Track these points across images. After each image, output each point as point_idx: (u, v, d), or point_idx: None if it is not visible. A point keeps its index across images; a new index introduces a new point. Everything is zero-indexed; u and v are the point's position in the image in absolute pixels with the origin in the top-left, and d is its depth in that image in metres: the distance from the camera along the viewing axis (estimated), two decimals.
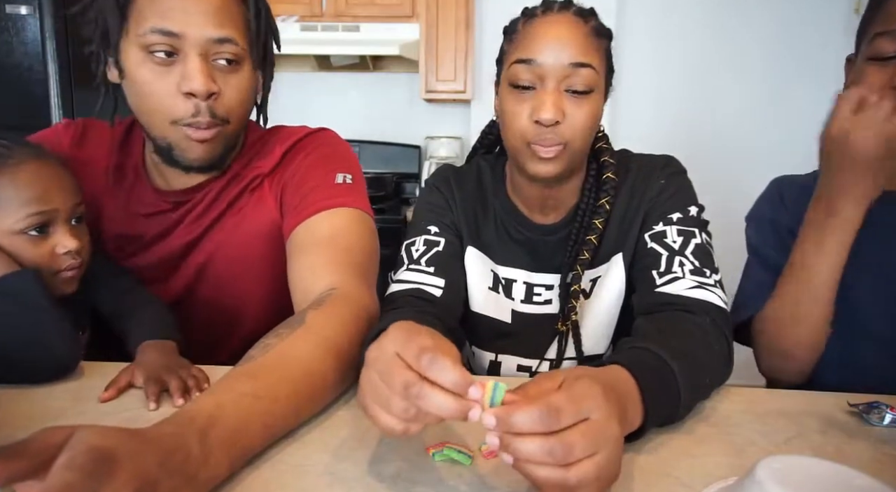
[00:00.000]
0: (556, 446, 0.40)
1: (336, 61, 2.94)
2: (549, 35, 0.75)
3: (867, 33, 0.75)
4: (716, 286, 0.74)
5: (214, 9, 0.76)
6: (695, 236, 0.79)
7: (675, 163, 0.87)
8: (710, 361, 0.66)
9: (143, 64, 0.75)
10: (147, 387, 0.65)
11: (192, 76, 0.75)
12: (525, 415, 0.41)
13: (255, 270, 0.90)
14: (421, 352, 0.43)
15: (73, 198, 0.76)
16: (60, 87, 2.01)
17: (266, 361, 0.58)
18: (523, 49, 0.76)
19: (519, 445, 0.41)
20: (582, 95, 0.75)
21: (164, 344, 0.75)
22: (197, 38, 0.75)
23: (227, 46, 0.77)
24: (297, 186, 0.86)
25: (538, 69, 0.74)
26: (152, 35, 0.74)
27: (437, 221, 0.87)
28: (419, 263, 0.83)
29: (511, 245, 0.89)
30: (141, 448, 0.41)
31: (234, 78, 0.80)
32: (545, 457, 0.40)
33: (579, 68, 0.74)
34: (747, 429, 0.62)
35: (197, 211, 0.88)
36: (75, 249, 0.75)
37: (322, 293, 0.72)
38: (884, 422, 0.62)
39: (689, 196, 0.84)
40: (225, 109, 0.79)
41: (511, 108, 0.77)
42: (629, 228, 0.84)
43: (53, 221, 0.74)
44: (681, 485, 0.51)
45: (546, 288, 0.88)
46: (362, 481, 0.50)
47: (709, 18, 2.74)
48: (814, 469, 0.43)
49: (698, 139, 2.79)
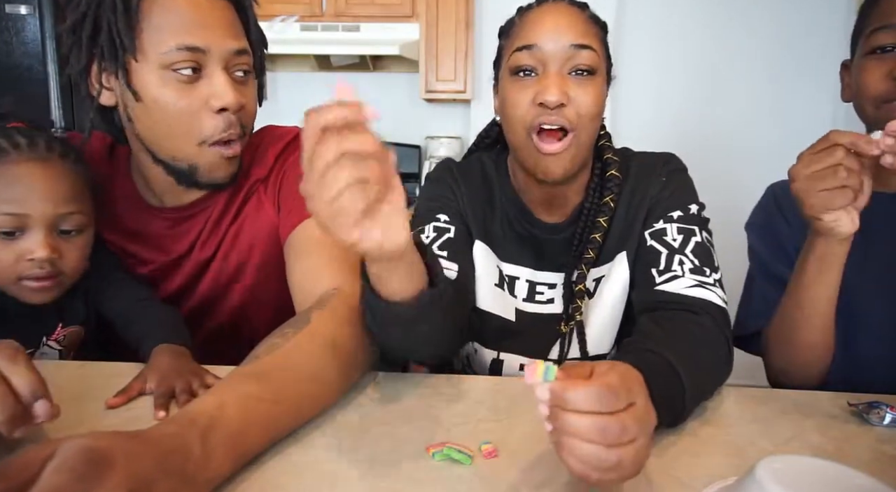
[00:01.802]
0: (610, 425, 0.41)
1: (336, 61, 2.94)
2: (547, 21, 0.75)
3: (864, 32, 0.76)
4: (715, 285, 0.74)
5: (229, 21, 0.77)
6: (695, 235, 0.78)
7: (676, 160, 0.87)
8: (712, 363, 0.66)
9: (166, 84, 0.73)
10: (156, 400, 0.63)
11: (222, 91, 0.74)
12: (583, 393, 0.41)
13: (259, 275, 0.90)
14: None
15: (62, 207, 0.74)
16: (60, 87, 2.01)
17: (270, 362, 0.58)
18: (523, 37, 0.76)
19: (572, 420, 0.41)
20: (586, 76, 0.75)
21: (178, 348, 0.73)
22: (220, 51, 0.74)
23: (244, 57, 0.78)
24: (291, 188, 0.86)
25: (539, 53, 0.74)
26: (178, 53, 0.72)
27: (445, 210, 0.86)
28: (430, 247, 0.80)
29: (516, 242, 0.88)
30: (138, 449, 0.40)
31: (250, 88, 0.81)
32: (596, 435, 0.41)
33: (581, 50, 0.74)
34: (747, 429, 0.62)
35: (208, 227, 0.87)
36: (43, 258, 0.72)
37: (325, 293, 0.72)
38: (884, 422, 0.62)
39: (689, 194, 0.84)
40: (248, 120, 0.81)
41: (513, 96, 0.76)
42: (632, 227, 0.83)
43: (27, 226, 0.72)
44: (681, 485, 0.51)
45: (549, 287, 0.88)
46: (362, 481, 0.50)
47: (709, 18, 2.74)
48: (814, 469, 0.43)
49: (698, 139, 2.79)
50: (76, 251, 0.77)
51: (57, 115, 2.02)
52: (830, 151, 0.65)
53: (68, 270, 0.76)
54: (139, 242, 0.88)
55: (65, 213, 0.74)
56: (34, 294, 0.75)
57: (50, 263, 0.73)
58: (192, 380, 0.66)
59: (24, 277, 0.73)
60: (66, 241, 0.76)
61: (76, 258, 0.77)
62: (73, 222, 0.76)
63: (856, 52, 0.78)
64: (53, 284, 0.75)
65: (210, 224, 0.87)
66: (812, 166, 0.66)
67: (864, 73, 0.75)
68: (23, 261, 0.72)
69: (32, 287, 0.74)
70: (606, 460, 0.41)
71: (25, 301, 0.75)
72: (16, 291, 0.74)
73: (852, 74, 0.79)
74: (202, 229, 0.87)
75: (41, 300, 0.75)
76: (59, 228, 0.75)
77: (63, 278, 0.76)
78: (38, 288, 0.74)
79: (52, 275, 0.74)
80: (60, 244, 0.75)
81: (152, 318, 0.79)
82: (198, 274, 0.89)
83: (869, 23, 0.75)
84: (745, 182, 2.78)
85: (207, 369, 0.70)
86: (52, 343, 0.81)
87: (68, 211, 0.75)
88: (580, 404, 0.41)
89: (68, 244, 0.76)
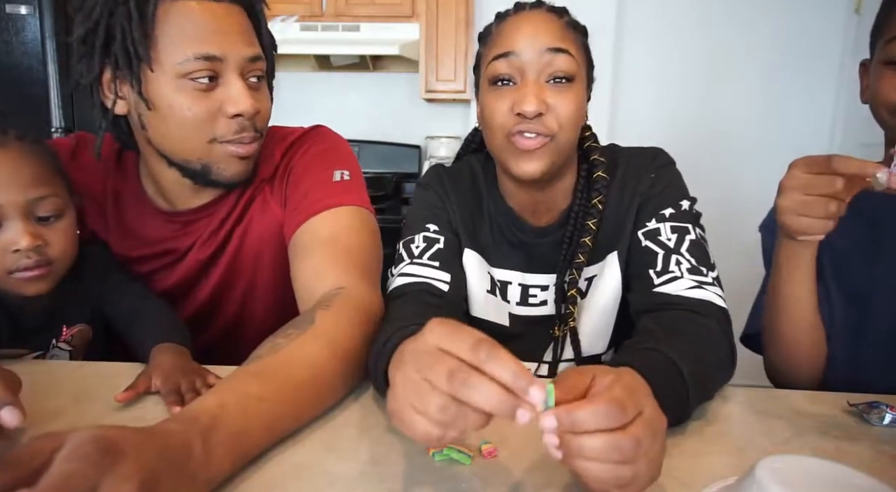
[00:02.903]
0: (623, 442, 0.40)
1: (336, 61, 2.94)
2: (523, 28, 0.75)
3: (881, 37, 0.74)
4: (714, 284, 0.74)
5: (243, 28, 0.77)
6: (689, 232, 0.78)
7: (664, 155, 0.86)
8: (716, 363, 0.66)
9: (181, 91, 0.73)
10: (166, 397, 0.63)
11: (238, 99, 0.75)
12: (589, 412, 0.40)
13: (264, 274, 0.90)
14: (478, 343, 0.40)
15: (32, 192, 0.71)
16: (60, 87, 2.01)
17: (273, 362, 0.58)
18: (500, 45, 0.76)
19: (585, 443, 0.40)
20: (563, 83, 0.75)
21: (179, 348, 0.73)
22: (236, 58, 0.75)
23: (258, 64, 0.79)
24: (295, 186, 0.86)
25: (516, 61, 0.74)
26: (195, 62, 0.72)
27: (434, 220, 0.86)
28: (421, 258, 0.81)
29: (506, 247, 0.88)
30: (146, 442, 0.41)
31: (263, 92, 0.82)
32: (612, 453, 0.40)
33: (557, 54, 0.74)
34: (747, 429, 0.62)
35: (211, 228, 0.87)
36: (27, 246, 0.70)
37: (329, 293, 0.72)
38: (884, 422, 0.62)
39: (680, 190, 0.83)
40: (263, 123, 0.82)
41: (492, 104, 0.77)
42: (623, 225, 0.83)
43: (3, 218, 0.69)
44: (681, 485, 0.51)
45: (541, 289, 0.88)
46: (362, 481, 0.50)
47: (708, 18, 2.74)
48: (814, 469, 0.43)
49: (698, 138, 2.78)
50: (60, 236, 0.74)
51: (57, 116, 2.02)
52: (830, 181, 0.62)
53: (57, 257, 0.74)
54: (146, 245, 0.88)
55: (36, 198, 0.71)
56: (28, 285, 0.73)
57: (36, 252, 0.71)
58: (195, 379, 0.66)
59: (13, 271, 0.71)
60: (47, 227, 0.73)
61: (62, 243, 0.75)
62: (49, 207, 0.73)
63: (874, 55, 0.77)
64: (45, 272, 0.73)
65: (216, 225, 0.87)
66: (806, 189, 0.64)
67: (880, 82, 0.73)
68: (8, 254, 0.70)
69: (25, 278, 0.72)
70: (623, 476, 0.40)
71: (22, 294, 0.73)
72: (9, 285, 0.72)
73: (870, 76, 0.77)
74: (208, 230, 0.87)
75: (37, 291, 0.73)
76: (35, 215, 0.72)
77: (54, 266, 0.74)
78: (30, 278, 0.72)
79: (40, 263, 0.73)
80: (42, 231, 0.73)
81: (152, 318, 0.79)
82: (203, 274, 0.89)
83: (887, 27, 0.73)
84: (743, 181, 2.79)
85: (209, 369, 0.70)
86: (62, 345, 0.81)
87: (39, 195, 0.72)
88: (589, 424, 0.40)
89: (50, 230, 0.74)
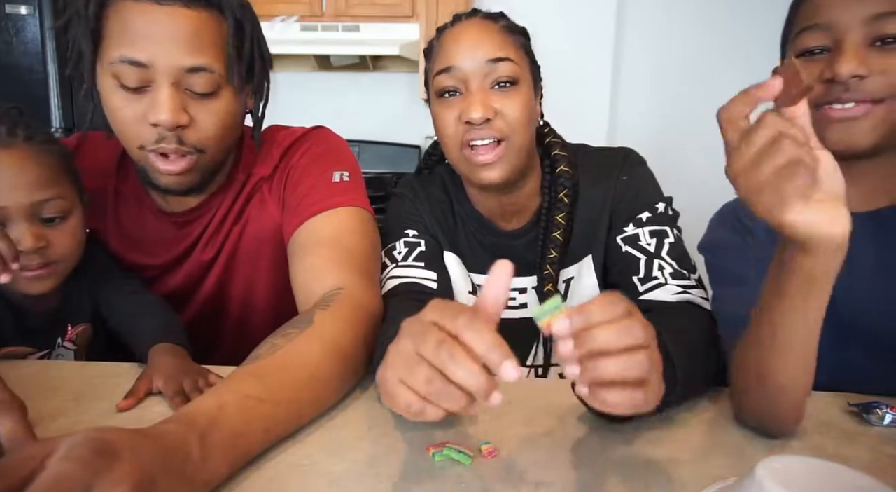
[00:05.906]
0: (633, 325, 0.42)
1: (336, 61, 2.94)
2: (461, 41, 0.77)
3: (791, 34, 0.74)
4: (697, 287, 0.75)
5: (187, 34, 0.70)
6: (667, 236, 0.79)
7: (635, 155, 0.87)
8: (703, 355, 0.65)
9: (114, 91, 0.72)
10: (171, 400, 0.63)
11: (159, 108, 0.70)
12: (596, 305, 0.42)
13: (263, 275, 0.90)
14: (461, 312, 0.42)
15: (37, 194, 0.71)
16: (60, 87, 2.01)
17: (272, 363, 0.58)
18: (442, 60, 0.78)
19: (602, 334, 0.42)
20: (509, 87, 0.76)
21: (176, 348, 0.73)
22: (167, 67, 0.70)
23: (200, 76, 0.72)
24: (294, 187, 0.86)
25: (459, 74, 0.76)
26: (121, 65, 0.70)
27: (412, 225, 0.87)
28: (406, 261, 0.83)
29: (481, 252, 0.89)
30: (142, 443, 0.41)
31: (211, 105, 0.74)
32: (626, 337, 0.41)
33: (497, 63, 0.75)
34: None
35: (210, 230, 0.87)
36: (29, 248, 0.70)
37: (329, 293, 0.72)
38: (884, 422, 0.62)
39: (653, 191, 0.83)
40: (198, 139, 0.74)
41: (441, 115, 0.79)
42: (596, 228, 0.84)
43: (6, 218, 0.70)
44: (681, 485, 0.51)
45: (520, 292, 0.88)
46: (362, 481, 0.50)
47: (709, 18, 2.74)
48: (814, 469, 0.43)
49: (698, 139, 2.78)
50: (65, 238, 0.74)
51: (57, 116, 2.02)
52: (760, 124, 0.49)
53: (60, 258, 0.74)
54: (145, 245, 0.88)
55: (41, 200, 0.71)
56: (30, 284, 0.73)
57: (38, 254, 0.71)
58: (197, 378, 0.66)
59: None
60: (52, 228, 0.73)
61: (66, 245, 0.74)
62: (54, 208, 0.73)
63: (785, 55, 0.76)
64: (48, 272, 0.73)
65: (214, 224, 0.87)
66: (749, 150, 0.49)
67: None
68: None
69: (27, 277, 0.72)
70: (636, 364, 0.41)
71: (26, 293, 0.73)
72: (14, 284, 0.72)
73: None
74: (206, 230, 0.87)
75: (40, 290, 0.74)
76: (40, 216, 0.72)
77: (58, 266, 0.74)
78: (32, 278, 0.72)
79: (43, 264, 0.73)
80: (46, 232, 0.72)
81: (150, 318, 0.79)
82: (201, 274, 0.89)
83: (795, 23, 0.73)
84: None
85: (209, 369, 0.70)
86: (67, 344, 0.81)
87: (44, 198, 0.71)
88: (598, 316, 0.42)
89: (55, 231, 0.73)
